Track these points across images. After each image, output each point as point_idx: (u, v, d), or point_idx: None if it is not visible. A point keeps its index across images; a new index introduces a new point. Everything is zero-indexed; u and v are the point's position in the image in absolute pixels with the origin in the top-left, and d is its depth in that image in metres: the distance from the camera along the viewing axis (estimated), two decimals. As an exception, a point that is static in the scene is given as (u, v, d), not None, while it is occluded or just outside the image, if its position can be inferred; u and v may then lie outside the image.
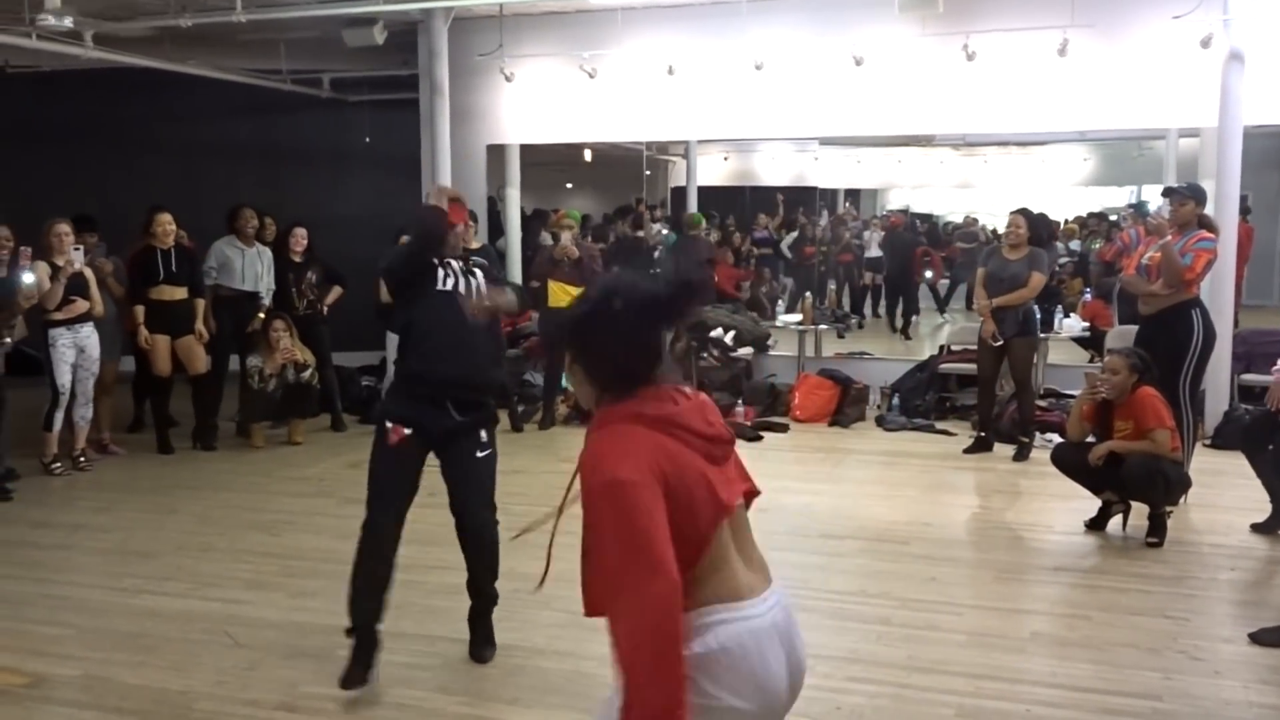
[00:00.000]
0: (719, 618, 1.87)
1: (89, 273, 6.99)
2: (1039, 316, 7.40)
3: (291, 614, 4.57)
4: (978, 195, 13.22)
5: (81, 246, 6.98)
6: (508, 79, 9.38)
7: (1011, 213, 7.34)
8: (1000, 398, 7.73)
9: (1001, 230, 7.61)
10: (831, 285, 11.87)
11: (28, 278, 6.34)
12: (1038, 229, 7.37)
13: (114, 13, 8.43)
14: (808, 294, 9.74)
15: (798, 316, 9.35)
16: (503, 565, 4.99)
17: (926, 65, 8.53)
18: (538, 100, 9.63)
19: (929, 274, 12.43)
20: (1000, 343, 7.14)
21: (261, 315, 7.92)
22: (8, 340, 6.51)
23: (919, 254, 12.51)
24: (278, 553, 5.40)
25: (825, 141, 10.41)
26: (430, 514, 5.93)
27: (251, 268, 8.07)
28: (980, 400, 7.50)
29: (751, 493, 2.09)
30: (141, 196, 8.75)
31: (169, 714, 3.66)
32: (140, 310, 7.40)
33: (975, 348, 8.86)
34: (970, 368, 8.68)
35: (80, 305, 6.81)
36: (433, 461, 4.01)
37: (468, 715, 3.66)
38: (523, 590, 4.68)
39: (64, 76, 10.00)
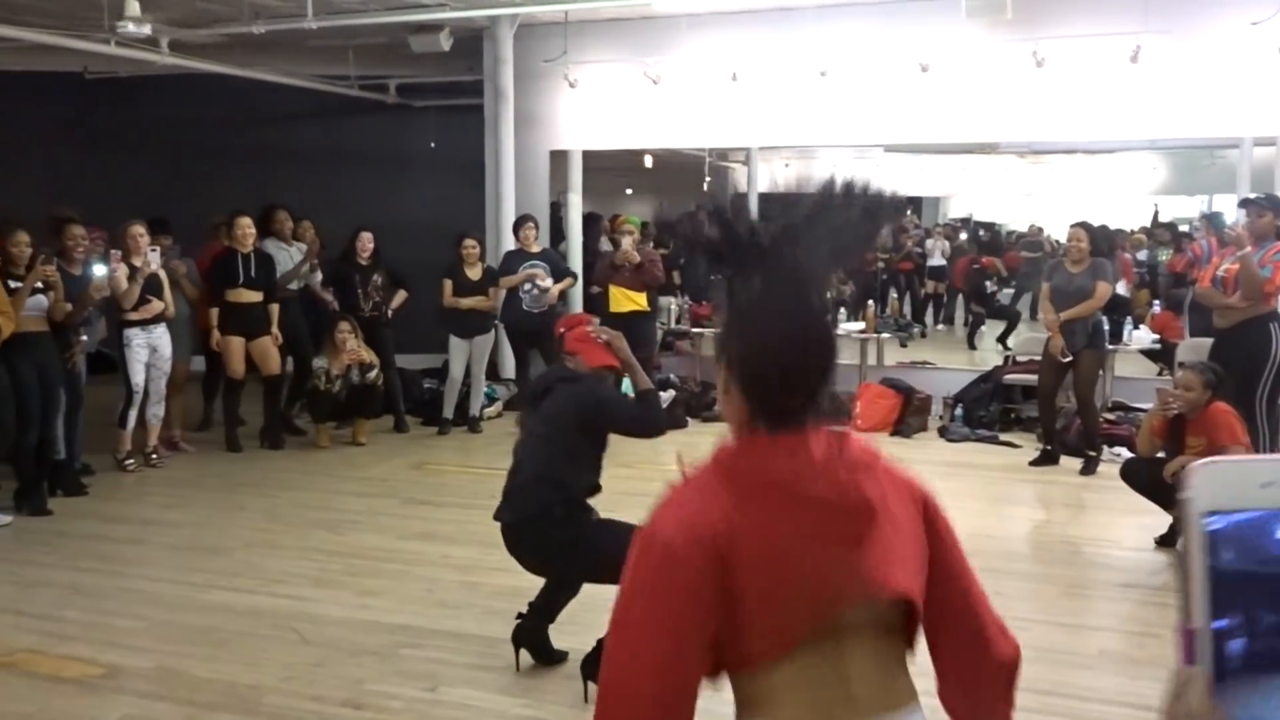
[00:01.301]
0: None
1: (163, 274, 7.16)
2: (1107, 328, 7.28)
3: (356, 612, 4.63)
4: (1042, 204, 13.02)
5: (158, 248, 7.15)
6: (571, 85, 9.43)
7: (1071, 226, 7.22)
8: (1066, 410, 7.61)
9: (1064, 241, 7.51)
10: (893, 293, 11.75)
11: (99, 270, 6.49)
12: (1099, 241, 7.25)
13: (190, 20, 8.63)
14: (870, 302, 9.65)
15: (860, 324, 9.27)
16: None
17: (994, 71, 8.43)
18: (601, 106, 9.67)
19: (988, 284, 12.24)
20: (1069, 358, 7.03)
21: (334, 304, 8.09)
22: (84, 339, 6.67)
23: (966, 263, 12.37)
24: (342, 551, 5.48)
25: (889, 149, 10.32)
26: (490, 515, 5.98)
27: (290, 265, 8.22)
28: (1042, 413, 7.39)
29: (904, 596, 1.45)
30: (211, 200, 8.96)
31: (238, 707, 3.73)
32: (215, 312, 7.55)
33: (1039, 358, 8.75)
34: (1034, 379, 8.57)
35: (155, 306, 6.97)
36: (496, 465, 4.05)
37: (530, 717, 3.68)
38: (583, 595, 4.72)
39: (139, 82, 10.25)
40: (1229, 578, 0.94)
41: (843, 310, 10.55)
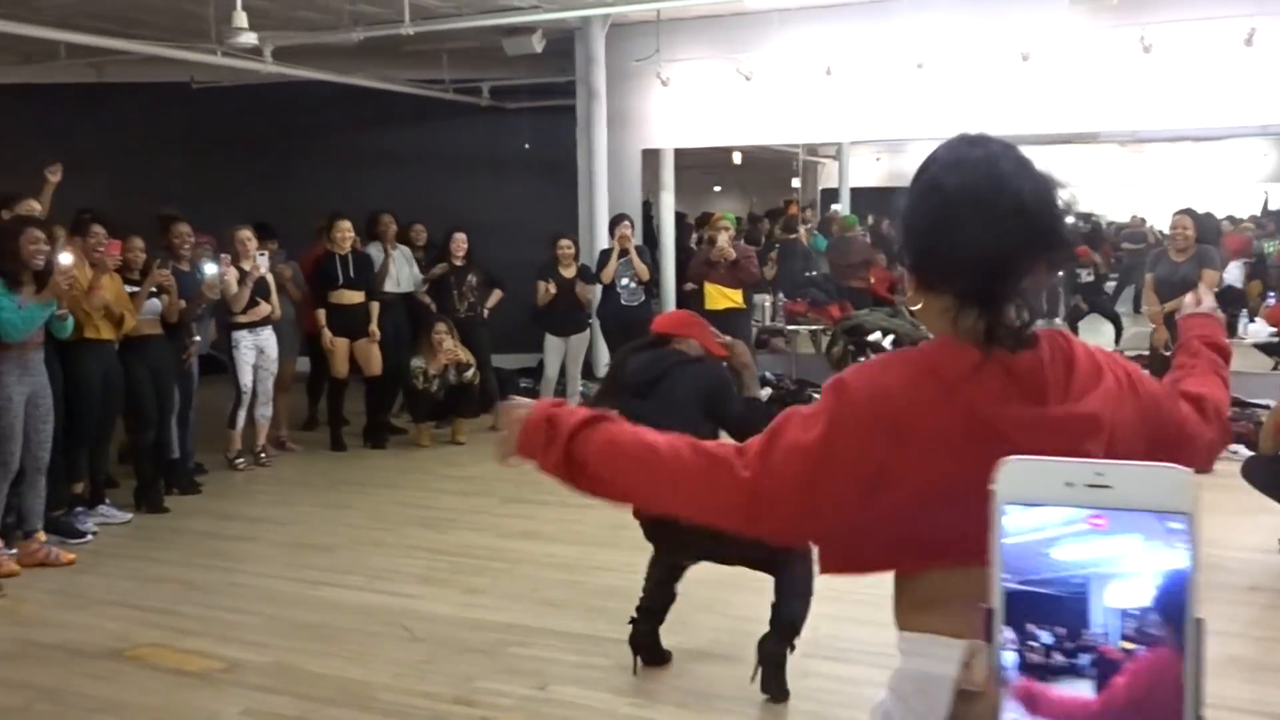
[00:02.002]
0: (937, 653, 1.35)
1: (270, 277, 7.34)
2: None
3: (463, 610, 4.68)
4: (1143, 193, 12.61)
5: (266, 251, 7.34)
6: (664, 83, 9.43)
7: (1176, 214, 6.99)
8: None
9: (1167, 231, 7.24)
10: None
11: (210, 269, 6.68)
12: (1205, 228, 6.98)
13: (291, 29, 8.84)
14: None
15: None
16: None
17: (1098, 58, 8.19)
18: (693, 104, 9.64)
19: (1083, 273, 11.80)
20: (1171, 352, 6.78)
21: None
22: (197, 339, 6.88)
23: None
24: (446, 549, 5.55)
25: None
26: (589, 514, 6.03)
27: (400, 270, 8.34)
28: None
29: None
30: (310, 204, 9.15)
31: (352, 702, 3.80)
32: (322, 313, 7.72)
33: (1148, 354, 8.48)
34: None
35: (263, 308, 7.15)
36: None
37: (639, 717, 3.68)
38: (684, 594, 4.70)
39: (242, 91, 10.54)
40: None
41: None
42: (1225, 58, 7.79)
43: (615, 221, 8.61)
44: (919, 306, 1.44)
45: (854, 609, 4.48)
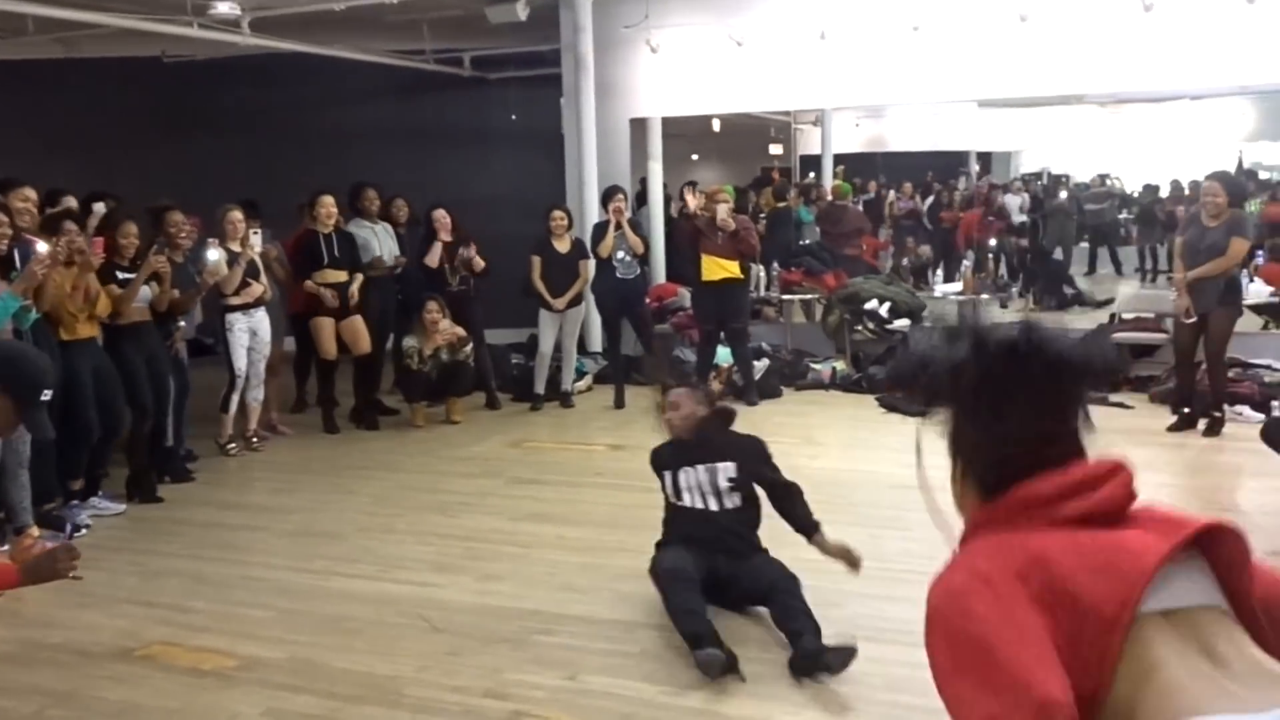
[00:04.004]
0: None
1: (258, 257, 7.13)
2: (1247, 282, 6.94)
3: (482, 598, 4.56)
4: (1121, 154, 12.57)
5: (259, 231, 7.13)
6: (653, 50, 9.24)
7: (1206, 179, 6.88)
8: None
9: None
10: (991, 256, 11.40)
11: (212, 255, 6.51)
12: (1236, 193, 6.87)
13: (272, 1, 8.57)
14: (966, 263, 9.37)
15: (957, 286, 9.02)
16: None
17: (1098, 19, 8.07)
18: (682, 71, 9.46)
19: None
20: (1194, 319, 6.72)
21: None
22: (182, 324, 6.67)
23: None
24: (458, 534, 5.41)
25: (984, 104, 10.00)
26: (607, 495, 5.91)
27: (383, 245, 8.13)
28: (1179, 376, 7.10)
29: (1210, 534, 1.32)
30: (291, 181, 8.90)
31: (380, 699, 3.67)
32: (314, 286, 7.48)
33: (1149, 316, 8.45)
34: (1144, 337, 8.29)
35: (256, 289, 6.96)
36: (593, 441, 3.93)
37: (676, 706, 3.57)
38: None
39: (216, 65, 10.25)
40: None
41: (939, 272, 10.34)
42: (1225, 16, 7.70)
43: (609, 194, 8.44)
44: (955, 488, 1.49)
45: (890, 587, 4.41)
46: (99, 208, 6.40)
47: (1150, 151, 12.31)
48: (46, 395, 3.00)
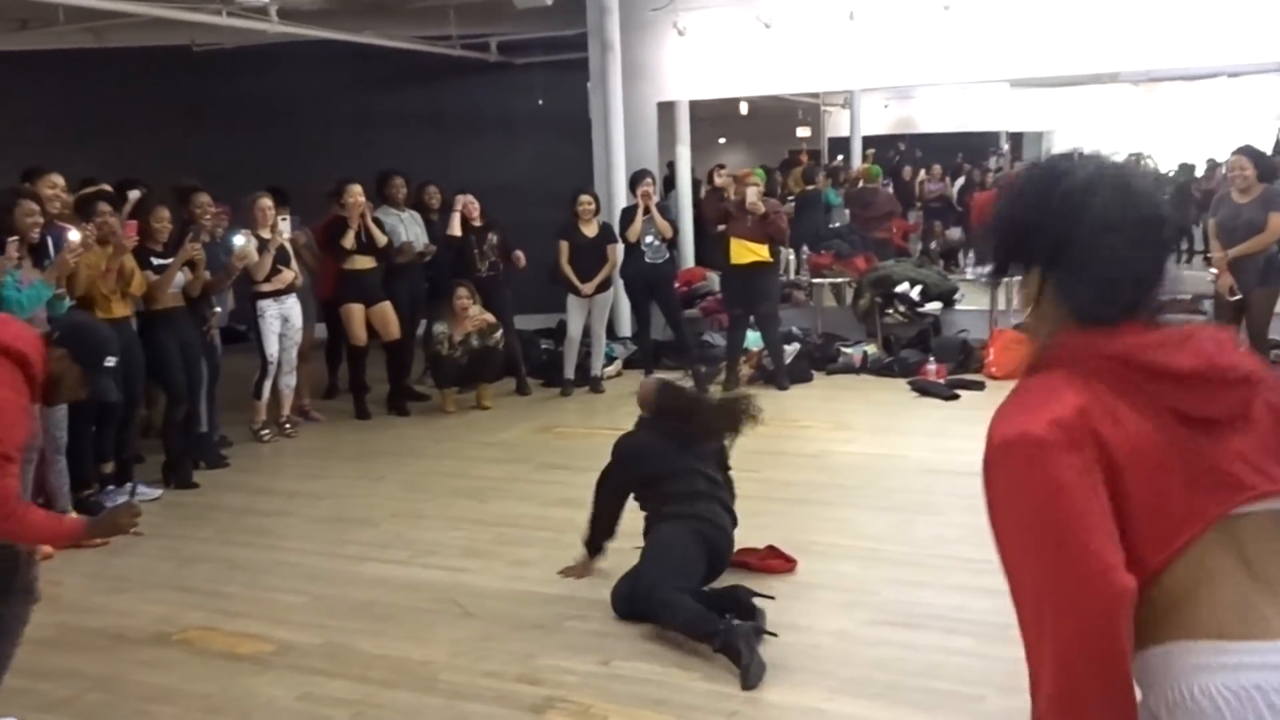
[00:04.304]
0: (1192, 660, 1.29)
1: (288, 244, 7.16)
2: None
3: (513, 583, 4.57)
4: (1156, 133, 12.37)
5: (288, 217, 7.15)
6: (680, 33, 9.18)
7: (1233, 154, 6.77)
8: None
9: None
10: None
11: (239, 240, 6.53)
12: (1265, 166, 6.76)
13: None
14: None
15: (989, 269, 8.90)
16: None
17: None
18: (709, 54, 9.39)
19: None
20: (1238, 297, 6.62)
21: None
22: (217, 310, 6.72)
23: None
24: (488, 520, 5.42)
25: (1016, 84, 9.87)
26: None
27: (410, 233, 8.14)
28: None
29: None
30: (320, 168, 8.91)
31: (413, 685, 3.68)
32: (350, 259, 7.51)
33: (1186, 297, 8.32)
34: (1181, 320, 8.16)
35: (287, 275, 6.99)
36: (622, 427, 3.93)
37: (709, 691, 3.56)
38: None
39: (244, 54, 10.27)
40: None
41: (970, 254, 10.21)
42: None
43: (636, 179, 8.40)
44: (1034, 312, 1.43)
45: (921, 573, 4.38)
46: (134, 194, 6.45)
47: (1185, 131, 12.11)
48: (110, 362, 3.35)
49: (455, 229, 8.09)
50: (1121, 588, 1.24)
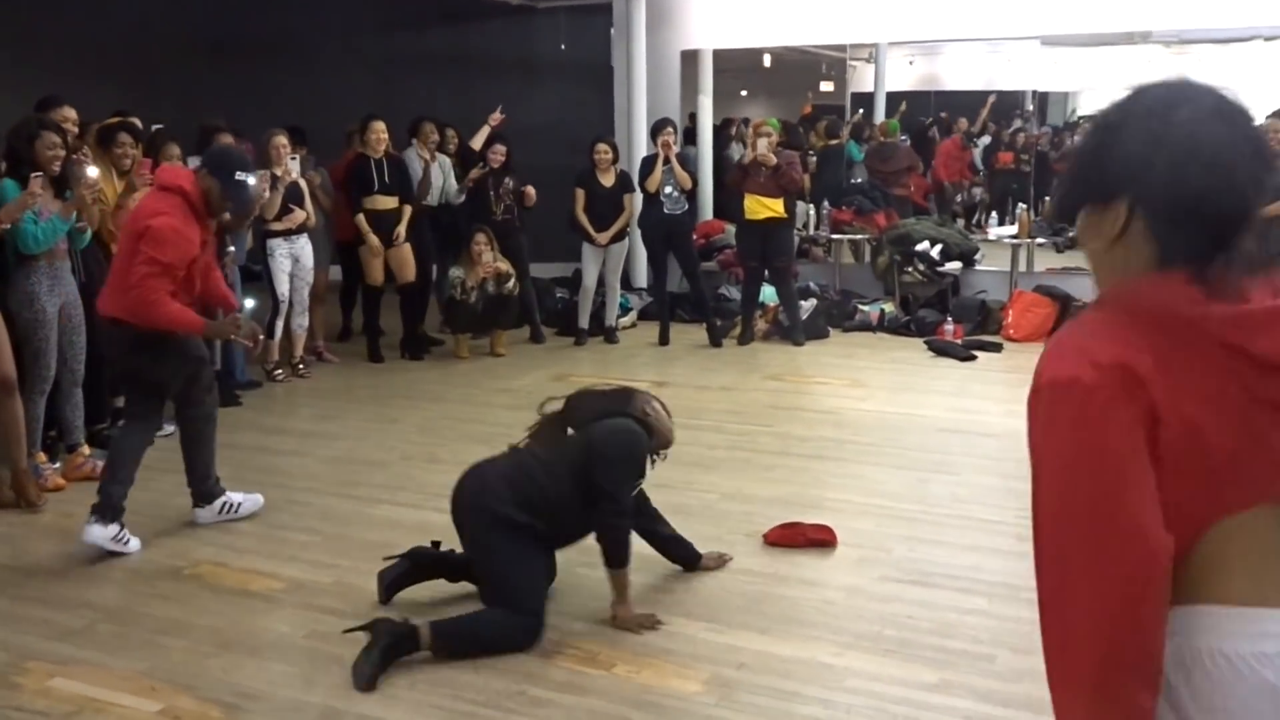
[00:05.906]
0: (1213, 623, 1.26)
1: (304, 183, 7.10)
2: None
3: (525, 529, 4.54)
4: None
5: (297, 156, 7.08)
6: (707, -21, 9.02)
7: (1268, 117, 6.64)
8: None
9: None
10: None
11: (251, 180, 6.45)
12: None
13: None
14: (1022, 205, 9.15)
15: (1012, 229, 8.81)
16: (734, 486, 4.87)
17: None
18: (736, 2, 9.23)
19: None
20: None
21: None
22: (232, 250, 6.67)
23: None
24: (501, 466, 5.39)
25: (1046, 41, 9.68)
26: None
27: (438, 180, 8.06)
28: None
29: None
30: (338, 108, 8.84)
31: (423, 626, 3.67)
32: (363, 218, 7.45)
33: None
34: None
35: (299, 215, 6.93)
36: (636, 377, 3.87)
37: (721, 644, 3.55)
38: (758, 514, 4.57)
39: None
40: None
41: (992, 215, 10.09)
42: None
43: (658, 127, 8.29)
44: (1110, 253, 1.31)
45: (937, 531, 4.35)
46: (157, 128, 6.39)
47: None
48: (241, 175, 4.16)
49: (479, 140, 8.07)
50: (1160, 545, 1.22)
